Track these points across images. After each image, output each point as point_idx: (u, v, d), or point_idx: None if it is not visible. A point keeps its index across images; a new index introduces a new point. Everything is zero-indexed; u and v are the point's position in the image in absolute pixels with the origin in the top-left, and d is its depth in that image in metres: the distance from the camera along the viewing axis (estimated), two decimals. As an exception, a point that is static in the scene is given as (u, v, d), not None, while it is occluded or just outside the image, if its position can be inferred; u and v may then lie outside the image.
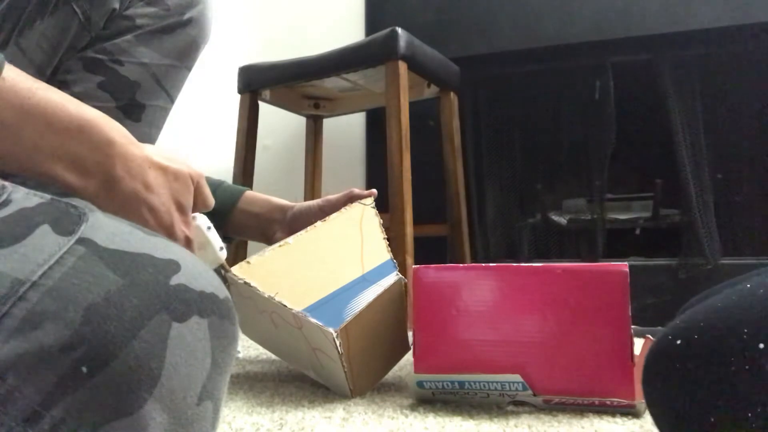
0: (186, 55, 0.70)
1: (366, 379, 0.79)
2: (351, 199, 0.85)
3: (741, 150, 1.65)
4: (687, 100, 1.60)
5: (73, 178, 0.43)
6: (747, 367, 0.37)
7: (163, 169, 0.49)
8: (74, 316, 0.27)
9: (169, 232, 0.50)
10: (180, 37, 0.68)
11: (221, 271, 0.71)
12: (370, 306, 0.76)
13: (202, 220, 0.61)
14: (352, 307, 0.75)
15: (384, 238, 0.84)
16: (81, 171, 0.44)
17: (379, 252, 0.82)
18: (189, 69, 0.73)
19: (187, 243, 0.53)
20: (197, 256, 0.55)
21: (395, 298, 0.81)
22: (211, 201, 0.57)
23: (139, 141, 0.49)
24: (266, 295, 0.72)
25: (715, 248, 1.55)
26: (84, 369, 0.27)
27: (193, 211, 0.55)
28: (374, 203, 0.86)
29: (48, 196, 0.33)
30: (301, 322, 0.73)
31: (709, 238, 1.54)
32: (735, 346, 0.38)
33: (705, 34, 1.56)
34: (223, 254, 0.64)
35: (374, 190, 0.87)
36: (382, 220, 0.85)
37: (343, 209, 0.82)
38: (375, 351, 0.80)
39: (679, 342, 0.41)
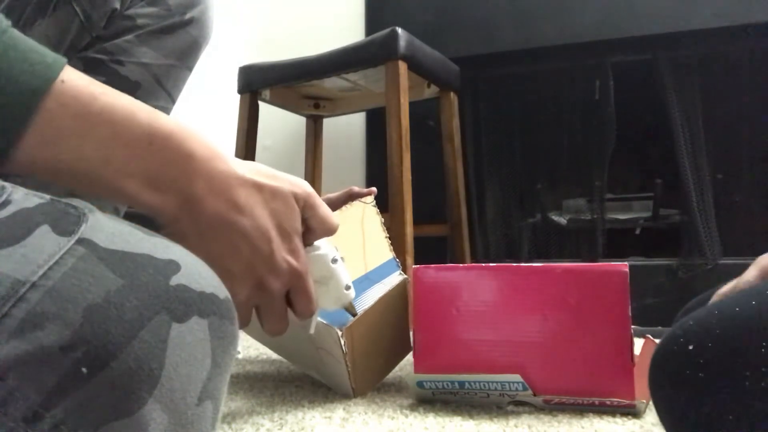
0: (187, 55, 0.70)
1: (368, 378, 0.79)
2: (351, 197, 0.84)
3: (741, 150, 1.65)
4: (687, 100, 1.60)
5: (149, 196, 0.37)
6: (763, 383, 0.36)
7: (258, 187, 0.41)
8: (74, 317, 0.27)
9: (269, 264, 0.42)
10: (181, 37, 0.68)
11: (349, 314, 0.62)
12: (375, 306, 0.76)
13: (328, 249, 0.49)
14: (364, 305, 0.76)
15: (386, 237, 0.84)
16: (156, 188, 0.38)
17: (381, 251, 0.82)
18: (190, 69, 0.72)
19: (296, 277, 0.44)
20: (318, 293, 0.47)
21: (399, 298, 0.81)
22: (333, 224, 0.47)
23: None
24: None
25: (715, 248, 1.55)
26: (84, 369, 0.27)
27: (310, 237, 0.46)
28: (375, 202, 0.86)
29: (47, 197, 0.33)
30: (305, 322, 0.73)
31: (709, 238, 1.54)
32: (751, 359, 0.37)
33: (705, 34, 1.56)
34: (351, 294, 0.52)
35: (374, 189, 0.86)
36: (383, 219, 0.85)
37: (343, 208, 0.82)
38: (378, 351, 0.80)
39: (691, 347, 0.39)
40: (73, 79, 0.35)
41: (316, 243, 0.48)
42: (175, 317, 0.30)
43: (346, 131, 1.92)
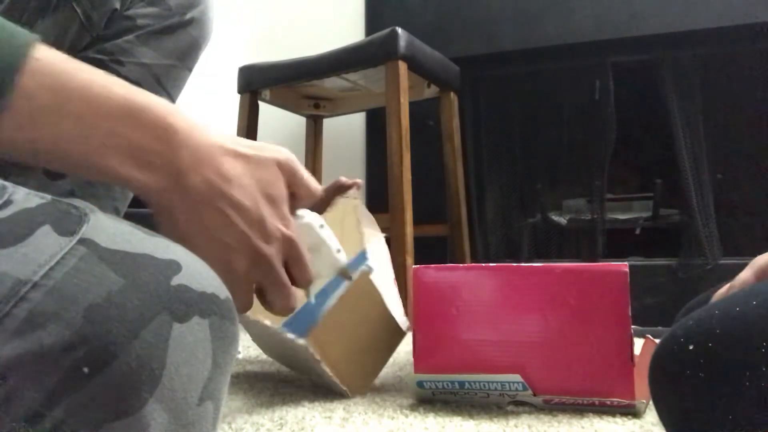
0: (187, 56, 0.70)
1: (360, 377, 0.79)
2: (339, 188, 0.82)
3: (741, 150, 1.65)
4: (687, 100, 1.60)
5: (134, 173, 0.36)
6: (763, 383, 0.36)
7: (243, 157, 0.41)
8: (75, 317, 0.27)
9: (262, 231, 0.41)
10: (181, 38, 0.68)
11: (343, 278, 0.61)
12: (337, 306, 0.74)
13: (312, 218, 0.50)
14: (324, 310, 0.74)
15: (361, 231, 0.81)
16: (140, 164, 0.36)
17: (354, 246, 0.80)
18: (190, 69, 0.72)
19: (288, 244, 0.43)
20: (312, 261, 0.46)
21: (364, 291, 0.78)
22: (315, 188, 0.47)
23: None
24: (249, 316, 0.72)
25: (715, 248, 1.55)
26: (85, 369, 0.27)
27: (296, 204, 0.46)
28: (359, 193, 0.83)
29: (49, 197, 0.33)
30: (279, 336, 0.73)
31: (709, 238, 1.54)
32: (751, 359, 0.37)
33: (705, 34, 1.56)
34: (342, 257, 0.52)
35: (359, 180, 0.82)
36: (366, 211, 0.82)
37: (327, 209, 0.80)
38: (360, 348, 0.79)
39: (692, 347, 0.39)
40: (47, 56, 0.34)
41: (299, 212, 0.48)
42: (176, 317, 0.30)
43: (346, 131, 1.92)
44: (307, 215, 0.49)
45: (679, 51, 1.61)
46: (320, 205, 0.79)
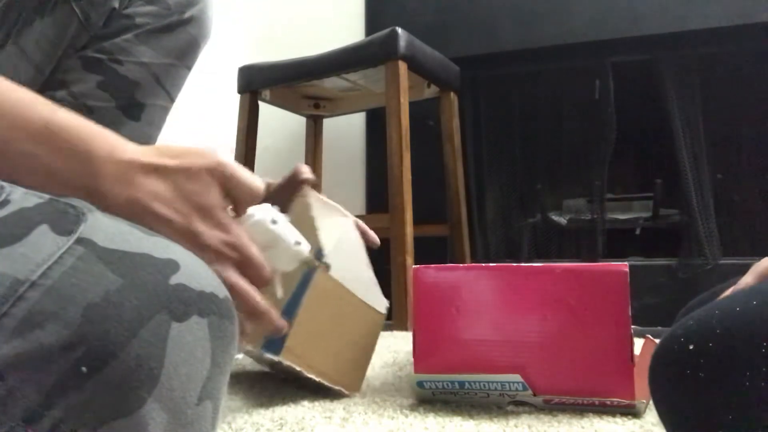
0: (186, 54, 0.70)
1: (350, 373, 0.78)
2: (293, 183, 0.79)
3: (741, 150, 1.65)
4: (687, 100, 1.60)
5: (56, 191, 0.36)
6: (763, 383, 0.36)
7: (166, 171, 0.39)
8: (74, 316, 0.27)
9: (195, 242, 0.40)
10: (180, 36, 0.68)
11: (309, 269, 0.57)
12: (304, 314, 0.72)
13: (263, 214, 0.47)
14: (294, 321, 0.72)
15: (316, 227, 0.75)
16: (59, 185, 0.36)
17: (311, 245, 0.75)
18: (189, 68, 0.72)
19: (231, 248, 0.42)
20: (269, 258, 0.45)
21: (328, 289, 0.76)
22: (256, 188, 0.44)
23: (139, 141, 0.40)
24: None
25: (715, 248, 1.55)
26: (84, 369, 0.27)
27: (237, 208, 0.45)
28: (309, 191, 0.77)
29: (47, 196, 0.33)
30: (264, 357, 0.73)
31: (709, 238, 1.54)
32: (751, 359, 0.36)
33: (705, 34, 1.56)
34: (303, 248, 0.49)
35: (308, 176, 0.78)
36: (322, 203, 0.76)
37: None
38: (342, 346, 0.78)
39: (692, 347, 0.39)
40: None
41: (250, 211, 0.46)
42: (174, 316, 0.30)
43: (346, 131, 1.92)
44: (258, 212, 0.46)
45: (679, 51, 1.61)
46: (282, 199, 0.75)
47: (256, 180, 0.45)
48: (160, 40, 0.66)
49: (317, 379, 0.74)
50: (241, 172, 0.43)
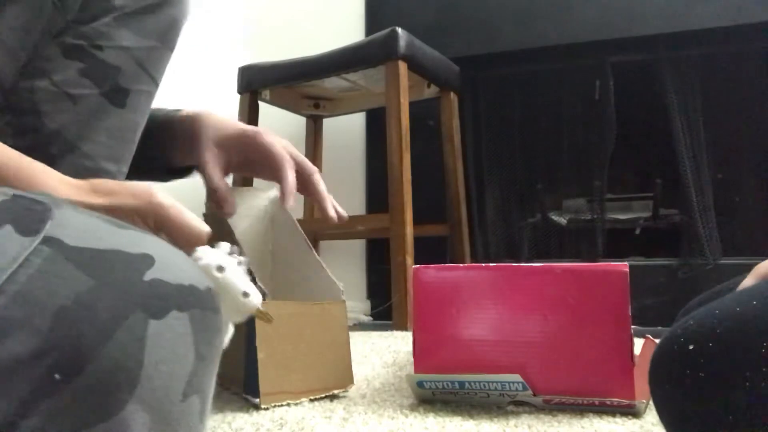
0: (167, 36, 0.67)
1: (335, 375, 0.77)
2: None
3: (741, 150, 1.65)
4: (687, 100, 1.60)
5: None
6: (763, 383, 0.36)
7: (87, 208, 0.36)
8: (43, 322, 0.26)
9: None
10: (161, 17, 0.65)
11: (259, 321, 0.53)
12: (262, 354, 0.70)
13: (212, 257, 0.41)
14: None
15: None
16: None
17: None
18: (171, 50, 0.69)
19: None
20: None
21: (268, 318, 0.74)
22: (196, 231, 0.41)
23: (126, 129, 0.40)
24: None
25: (715, 248, 1.55)
26: (57, 376, 0.26)
27: (184, 248, 0.40)
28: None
29: (10, 193, 0.31)
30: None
31: (709, 238, 1.54)
32: (752, 359, 0.36)
33: (705, 34, 1.56)
34: (251, 301, 0.43)
35: (229, 199, 0.74)
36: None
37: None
38: (314, 358, 0.75)
39: (692, 347, 0.39)
40: None
41: (198, 253, 0.41)
42: (151, 314, 0.29)
43: (346, 131, 1.92)
44: (205, 255, 0.41)
45: (679, 51, 1.61)
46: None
47: (195, 222, 0.41)
48: (141, 22, 0.64)
49: (306, 399, 0.73)
50: (177, 214, 0.41)
